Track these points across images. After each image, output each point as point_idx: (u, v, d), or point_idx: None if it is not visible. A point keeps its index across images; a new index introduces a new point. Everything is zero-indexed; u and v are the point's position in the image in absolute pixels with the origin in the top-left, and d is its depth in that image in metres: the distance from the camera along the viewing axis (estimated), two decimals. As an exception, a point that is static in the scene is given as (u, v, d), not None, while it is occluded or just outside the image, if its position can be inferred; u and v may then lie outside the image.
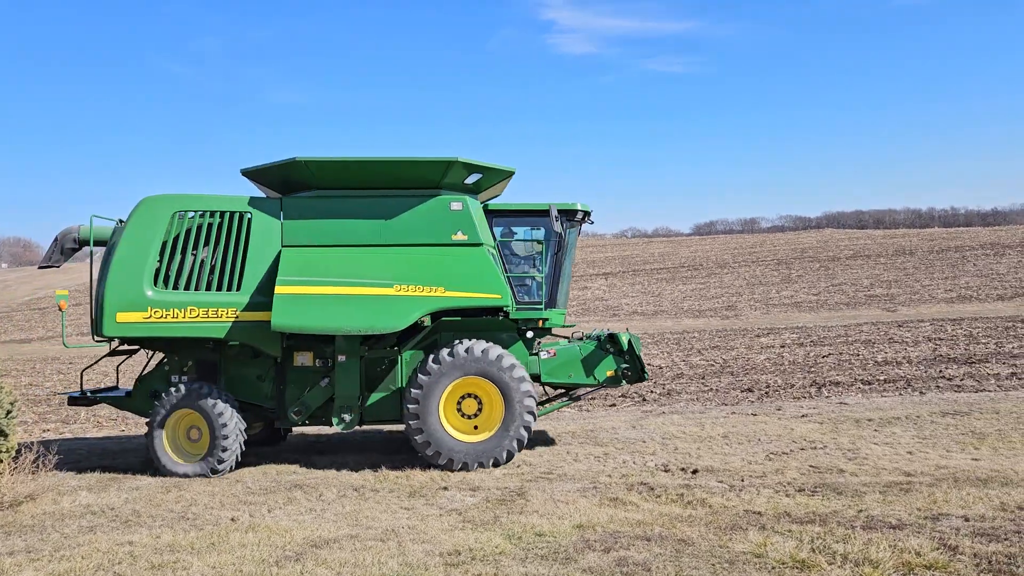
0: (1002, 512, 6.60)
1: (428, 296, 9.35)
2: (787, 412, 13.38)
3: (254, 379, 10.03)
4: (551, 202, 10.30)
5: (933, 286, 39.84)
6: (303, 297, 9.16)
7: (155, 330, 9.24)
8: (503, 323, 10.12)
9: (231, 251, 9.51)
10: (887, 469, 8.79)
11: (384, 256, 9.54)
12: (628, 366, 10.61)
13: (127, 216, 9.52)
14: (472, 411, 9.69)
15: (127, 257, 9.27)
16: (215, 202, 9.64)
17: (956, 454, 9.58)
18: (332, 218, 9.62)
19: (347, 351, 9.78)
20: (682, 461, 9.64)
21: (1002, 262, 43.58)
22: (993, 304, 35.59)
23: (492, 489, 8.43)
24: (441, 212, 9.70)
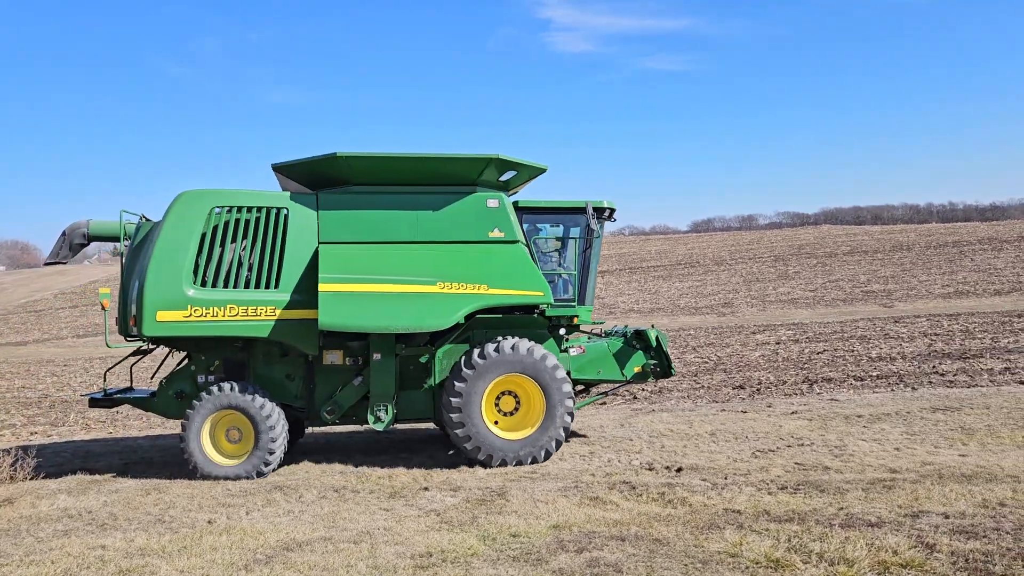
0: (983, 509, 6.51)
1: (472, 293, 9.29)
2: (777, 409, 13.30)
3: (283, 378, 9.82)
4: (586, 199, 10.31)
5: (930, 281, 39.74)
6: (348, 295, 9.03)
7: (195, 329, 9.00)
8: (536, 320, 10.09)
9: (268, 247, 9.30)
10: (872, 466, 8.71)
11: (423, 253, 9.44)
12: (656, 362, 10.71)
13: (164, 211, 9.21)
14: (510, 408, 9.70)
15: (166, 254, 8.98)
16: (252, 197, 9.40)
17: (944, 450, 9.50)
18: (369, 214, 9.48)
19: (382, 349, 9.65)
20: (667, 459, 9.56)
21: (1000, 257, 43.46)
22: (990, 299, 35.48)
23: (473, 489, 8.35)
24: (478, 209, 9.64)
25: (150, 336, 9.02)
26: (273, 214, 9.38)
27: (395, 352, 9.73)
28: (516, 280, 9.47)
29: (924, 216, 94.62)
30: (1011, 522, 6.05)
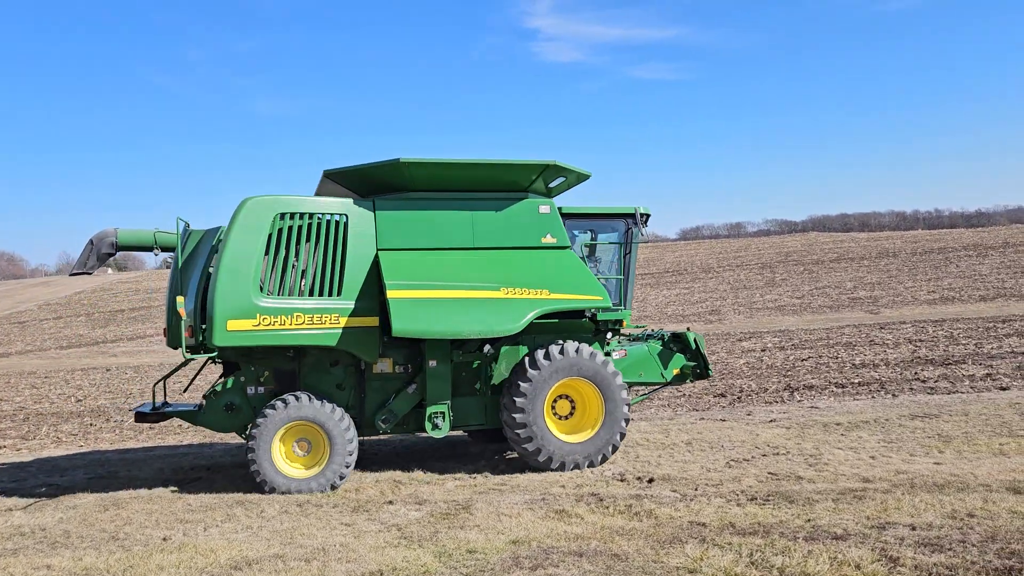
0: (951, 520, 6.36)
1: (536, 298, 9.33)
2: (756, 417, 13.16)
3: (333, 388, 9.66)
4: (635, 205, 10.53)
5: (916, 288, 39.78)
6: (418, 301, 8.98)
7: (265, 338, 8.81)
8: (584, 324, 10.27)
9: (331, 255, 9.19)
10: (846, 475, 8.57)
11: (482, 259, 9.50)
12: (695, 363, 10.92)
13: (230, 218, 8.98)
14: (565, 412, 9.79)
15: (235, 263, 8.76)
16: (314, 204, 9.27)
17: (919, 458, 9.36)
18: (426, 221, 9.48)
19: (438, 356, 9.61)
20: (640, 470, 9.39)
21: (984, 263, 43.56)
22: (975, 305, 35.50)
23: (439, 502, 8.17)
24: (531, 215, 9.74)
25: (220, 346, 8.80)
26: (334, 221, 9.28)
27: (450, 359, 9.71)
28: (576, 285, 9.57)
29: (910, 223, 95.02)
30: (978, 534, 5.90)
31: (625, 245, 10.77)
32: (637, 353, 10.82)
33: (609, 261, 10.85)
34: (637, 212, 10.48)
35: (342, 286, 9.12)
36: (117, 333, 43.80)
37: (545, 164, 9.44)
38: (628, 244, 10.75)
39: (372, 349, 9.27)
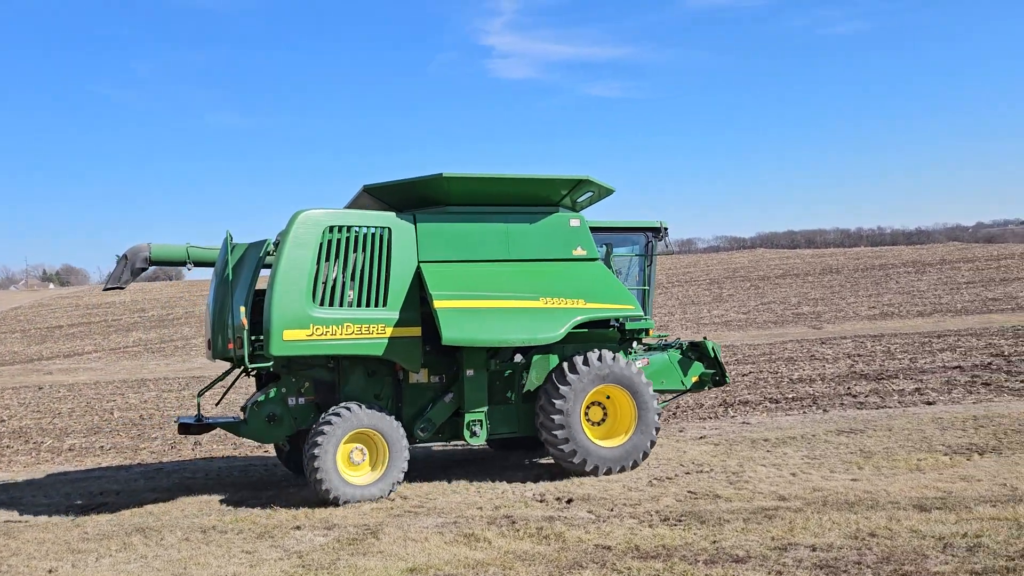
0: (852, 540, 6.31)
1: (574, 307, 9.65)
2: (688, 434, 13.12)
3: (372, 398, 9.81)
4: (660, 220, 11.11)
5: (858, 303, 40.56)
6: (464, 311, 9.27)
7: (317, 348, 9.02)
8: (611, 333, 10.64)
9: (376, 267, 9.44)
10: (763, 493, 8.52)
11: (520, 270, 9.85)
12: (713, 371, 11.35)
13: (283, 232, 9.26)
14: (598, 418, 10.10)
15: (289, 274, 8.98)
16: (360, 218, 9.55)
17: (838, 475, 9.37)
18: (465, 234, 9.82)
19: (475, 365, 9.87)
20: (562, 489, 9.24)
21: (923, 279, 44.62)
22: (913, 320, 36.27)
23: (349, 527, 7.90)
24: (563, 228, 10.14)
25: (277, 355, 8.96)
26: (379, 234, 9.54)
27: (487, 367, 9.94)
28: (609, 295, 9.96)
29: (854, 240, 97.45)
30: (875, 554, 5.86)
31: (647, 257, 11.34)
32: (659, 361, 11.21)
33: (632, 273, 11.36)
34: (661, 226, 11.09)
35: (388, 297, 9.39)
36: (53, 350, 42.42)
37: (578, 179, 9.88)
38: (649, 256, 11.35)
39: (415, 359, 9.54)
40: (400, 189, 9.84)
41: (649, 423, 9.99)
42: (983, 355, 23.36)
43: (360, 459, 9.17)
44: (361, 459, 9.18)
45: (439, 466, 11.24)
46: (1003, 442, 10.83)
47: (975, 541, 5.89)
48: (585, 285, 9.88)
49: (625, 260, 11.38)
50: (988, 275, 44.55)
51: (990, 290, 41.25)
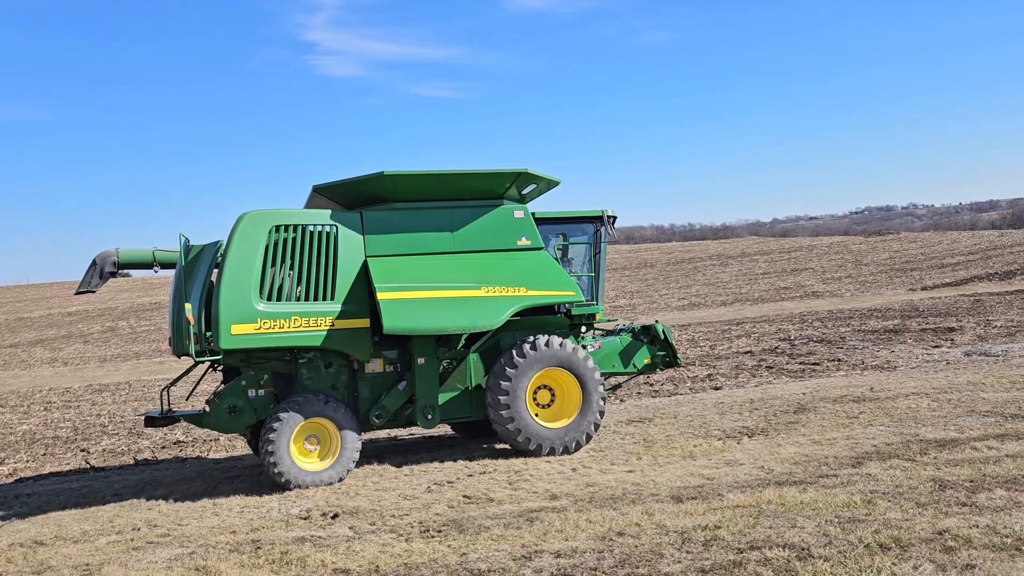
0: (598, 542, 6.02)
1: (515, 295, 9.94)
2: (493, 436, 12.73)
3: (328, 388, 10.10)
4: (603, 208, 11.25)
5: (669, 295, 42.39)
6: (406, 302, 9.58)
7: (265, 340, 9.31)
8: (559, 320, 10.92)
9: (322, 262, 9.69)
10: (537, 493, 8.19)
11: (463, 262, 10.11)
12: (664, 353, 11.55)
13: (230, 231, 9.47)
14: (546, 401, 10.40)
15: (236, 271, 9.25)
16: (305, 216, 9.82)
17: (617, 467, 9.25)
18: (410, 229, 10.11)
19: (425, 353, 10.15)
20: (333, 503, 8.50)
21: (726, 271, 47.38)
22: (717, 309, 38.36)
23: (64, 569, 6.76)
24: (506, 220, 10.40)
25: (225, 349, 9.19)
26: (325, 232, 9.81)
27: (437, 356, 10.21)
28: (550, 282, 10.22)
29: (668, 236, 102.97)
30: (615, 557, 5.57)
31: (595, 245, 11.47)
32: (610, 345, 11.48)
33: (581, 261, 11.51)
34: (604, 214, 11.20)
35: (334, 291, 9.66)
36: None
37: (518, 172, 10.03)
38: (598, 244, 11.47)
39: (364, 349, 9.83)
40: (348, 188, 10.10)
41: (593, 406, 10.30)
42: (773, 340, 24.85)
43: (313, 447, 9.50)
44: (314, 447, 9.50)
45: (203, 482, 10.15)
46: (771, 423, 11.21)
47: (713, 534, 5.76)
48: (527, 274, 10.17)
49: (576, 248, 11.54)
50: (781, 266, 48.07)
51: (783, 279, 44.49)
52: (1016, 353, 16.83)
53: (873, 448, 8.92)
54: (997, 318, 25.78)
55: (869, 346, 21.20)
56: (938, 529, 5.30)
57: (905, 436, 9.44)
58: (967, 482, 6.62)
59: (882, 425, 10.34)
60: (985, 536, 5.14)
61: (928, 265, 46.34)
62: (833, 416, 11.29)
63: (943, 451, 8.39)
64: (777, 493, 6.79)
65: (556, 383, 10.39)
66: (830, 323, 28.60)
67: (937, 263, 46.78)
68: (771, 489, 7.00)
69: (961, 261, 46.31)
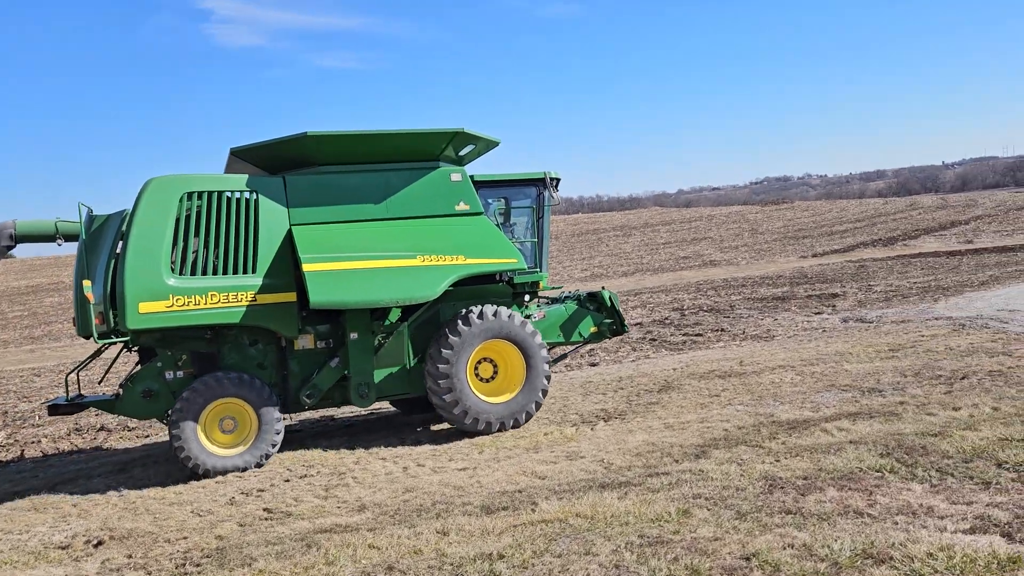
0: None
1: (452, 264, 9.18)
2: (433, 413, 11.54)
3: (255, 367, 9.23)
4: (545, 170, 10.48)
5: (573, 267, 41.80)
6: (333, 273, 8.75)
7: (179, 319, 8.41)
8: (502, 288, 10.20)
9: (242, 232, 8.79)
10: (348, 503, 7.03)
11: (397, 229, 9.29)
12: (611, 321, 10.96)
13: (135, 199, 8.49)
14: (488, 375, 9.66)
15: (142, 244, 8.34)
16: (221, 182, 8.91)
17: (454, 464, 8.24)
18: (338, 194, 9.24)
19: (359, 328, 9.33)
20: (112, 524, 7.11)
21: (629, 242, 47.13)
22: (618, 280, 37.98)
23: None
24: (443, 184, 9.59)
25: (134, 329, 8.34)
26: (244, 198, 8.92)
27: (371, 330, 9.42)
28: (490, 249, 9.47)
29: (576, 208, 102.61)
30: None
31: (538, 209, 10.69)
32: (555, 314, 10.82)
33: (524, 226, 10.77)
34: (547, 177, 10.46)
35: (256, 263, 8.80)
36: None
37: (454, 132, 9.24)
38: (540, 208, 10.70)
39: (291, 325, 9.01)
40: (269, 151, 9.21)
41: (537, 377, 9.62)
42: (666, 310, 24.35)
43: (231, 428, 8.74)
44: (232, 428, 8.74)
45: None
46: (632, 405, 10.38)
47: (489, 569, 4.69)
48: (466, 241, 9.41)
49: (519, 213, 10.69)
50: (682, 236, 48.13)
51: (683, 249, 44.48)
52: (888, 319, 16.61)
53: (723, 433, 8.13)
54: (878, 283, 26.00)
55: (755, 314, 20.89)
56: (747, 552, 4.40)
57: (759, 418, 8.70)
58: (800, 480, 5.80)
59: (740, 404, 9.61)
60: (797, 560, 4.26)
61: (819, 233, 47.14)
62: (695, 395, 10.54)
63: (792, 434, 7.64)
64: (594, 501, 5.83)
65: (499, 355, 9.64)
66: (723, 291, 28.41)
67: (827, 231, 47.64)
68: (591, 495, 6.04)
69: (849, 228, 47.30)
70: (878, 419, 7.86)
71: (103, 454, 10.61)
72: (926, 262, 31.84)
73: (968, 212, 52.17)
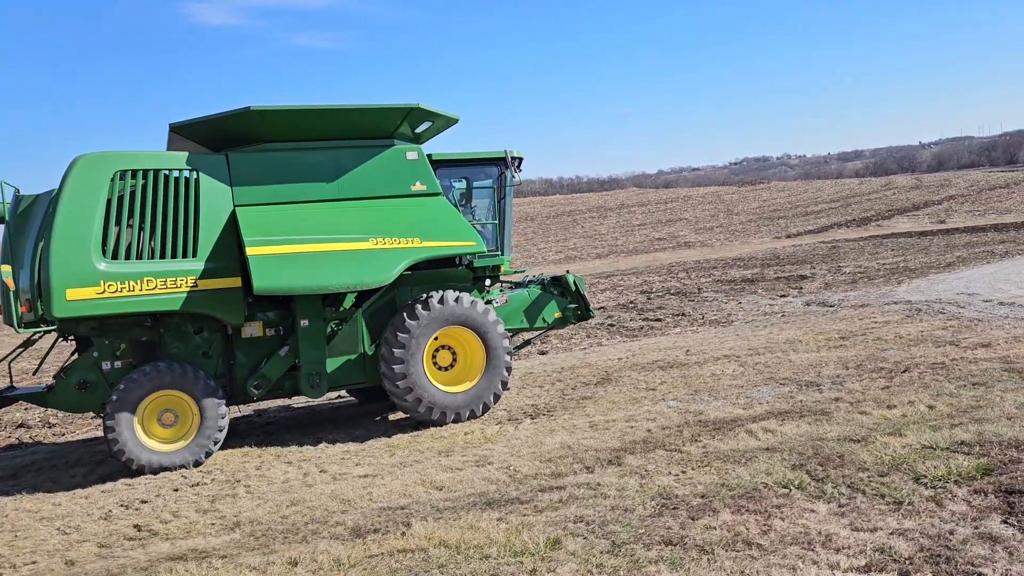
0: None
1: (407, 247, 8.62)
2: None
3: (199, 357, 8.63)
4: (505, 148, 9.91)
5: (547, 248, 41.11)
6: (279, 257, 8.16)
7: (111, 306, 7.81)
8: (461, 272, 9.63)
9: (182, 214, 8.19)
10: (224, 519, 6.34)
11: (349, 210, 8.71)
12: (576, 306, 10.45)
13: (61, 178, 7.86)
14: (446, 363, 9.15)
15: (69, 226, 7.72)
16: (158, 160, 8.27)
17: (361, 467, 7.60)
18: (287, 173, 8.64)
19: (310, 315, 8.77)
20: None
21: (604, 223, 46.46)
22: (592, 262, 37.31)
23: None
24: (398, 162, 9.01)
25: (60, 318, 7.73)
26: (183, 177, 8.31)
27: (323, 317, 8.86)
28: (448, 232, 8.90)
29: (556, 188, 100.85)
30: None
31: (499, 190, 10.08)
32: (518, 299, 10.29)
33: (484, 207, 10.18)
34: (508, 156, 9.85)
35: (196, 247, 8.20)
36: None
37: (409, 107, 8.66)
38: (502, 189, 10.09)
39: (236, 311, 8.44)
40: (210, 127, 8.53)
41: (498, 365, 9.08)
42: (633, 293, 23.71)
43: (171, 422, 8.15)
44: (172, 422, 8.16)
45: None
46: (565, 399, 9.73)
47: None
48: (422, 223, 8.81)
49: (479, 194, 10.14)
50: (657, 217, 47.44)
51: (658, 231, 43.82)
52: (849, 303, 16.03)
53: (645, 435, 7.48)
54: (847, 264, 25.44)
55: (720, 297, 20.31)
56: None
57: (687, 416, 8.06)
58: (698, 498, 5.14)
59: (674, 400, 8.96)
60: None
61: (794, 213, 46.55)
62: (632, 388, 9.89)
63: (715, 436, 6.99)
64: (471, 523, 5.15)
65: (458, 343, 9.11)
66: (694, 274, 27.79)
67: (802, 211, 47.05)
68: (472, 515, 5.37)
69: (824, 209, 46.71)
70: (808, 418, 7.23)
71: (6, 455, 9.88)
72: (897, 243, 31.33)
73: (942, 192, 51.71)
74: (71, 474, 8.43)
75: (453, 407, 8.93)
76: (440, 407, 8.87)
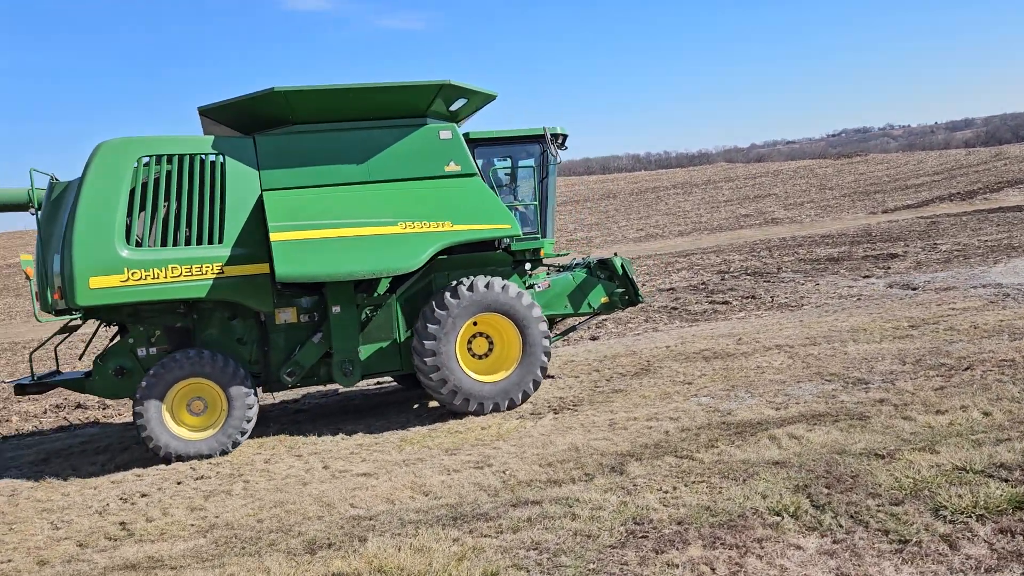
0: None
1: (437, 231, 8.26)
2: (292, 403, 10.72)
3: (234, 343, 8.46)
4: (546, 125, 9.27)
5: (628, 226, 39.92)
6: (304, 243, 7.90)
7: (135, 294, 7.65)
8: (500, 256, 9.14)
9: (207, 199, 7.97)
10: (193, 528, 6.04)
11: (379, 193, 8.33)
12: (623, 290, 9.78)
13: (84, 165, 7.73)
14: (483, 351, 8.73)
15: (92, 213, 7.58)
16: (183, 144, 8.04)
17: (365, 464, 7.22)
18: (315, 155, 8.31)
19: (341, 301, 8.48)
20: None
21: (689, 200, 44.71)
22: (674, 240, 35.95)
23: None
24: (431, 142, 8.56)
25: (84, 306, 7.60)
26: (208, 161, 8.07)
27: (355, 303, 8.54)
28: (481, 214, 8.45)
29: (644, 164, 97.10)
30: None
31: (541, 169, 9.50)
32: (562, 283, 9.68)
33: (525, 187, 9.67)
34: (548, 133, 9.19)
35: (223, 232, 7.96)
36: None
37: (440, 84, 8.29)
38: (544, 168, 9.50)
39: (265, 298, 8.20)
40: (237, 110, 8.29)
41: (535, 353, 8.56)
42: (709, 273, 22.58)
43: (200, 410, 8.03)
44: (201, 410, 8.03)
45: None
46: (596, 392, 9.07)
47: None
48: (454, 205, 8.38)
49: (521, 173, 9.61)
50: (744, 192, 45.22)
51: (744, 207, 41.74)
52: (934, 285, 14.51)
53: (661, 437, 6.75)
54: (945, 241, 23.29)
55: (799, 278, 18.95)
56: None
57: (713, 416, 7.24)
58: (674, 524, 4.40)
59: (706, 396, 8.14)
60: None
61: (892, 187, 43.32)
62: (668, 382, 9.11)
63: (732, 443, 6.19)
64: (424, 544, 4.57)
65: (493, 330, 8.68)
66: (777, 252, 26.19)
67: (901, 185, 43.72)
68: (430, 533, 4.82)
69: (925, 182, 43.24)
70: (841, 423, 6.29)
71: (49, 438, 10.10)
72: (1004, 217, 28.51)
73: (1064, 159, 46.95)
74: (93, 461, 8.43)
75: (490, 397, 8.48)
76: (477, 398, 8.43)
